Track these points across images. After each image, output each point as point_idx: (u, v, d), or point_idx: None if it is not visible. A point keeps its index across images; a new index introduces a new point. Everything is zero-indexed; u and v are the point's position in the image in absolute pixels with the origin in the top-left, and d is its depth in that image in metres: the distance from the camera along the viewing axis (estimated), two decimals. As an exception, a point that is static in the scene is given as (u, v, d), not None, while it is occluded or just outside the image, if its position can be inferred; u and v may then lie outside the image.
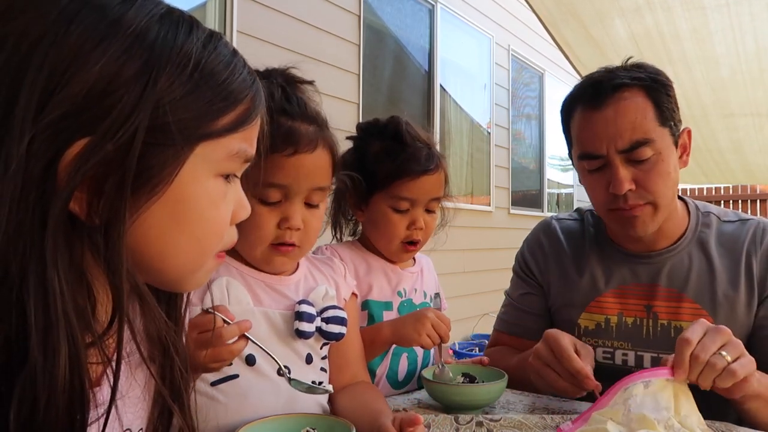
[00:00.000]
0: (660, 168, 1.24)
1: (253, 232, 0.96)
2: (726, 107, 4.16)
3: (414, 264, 1.44)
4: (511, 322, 1.52)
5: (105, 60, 0.51)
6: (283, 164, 0.95)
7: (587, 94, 1.28)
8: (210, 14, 3.32)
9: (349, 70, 4.25)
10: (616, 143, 1.23)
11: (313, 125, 0.98)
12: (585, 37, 3.69)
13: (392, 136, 1.31)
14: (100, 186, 0.52)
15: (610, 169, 1.24)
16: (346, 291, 1.13)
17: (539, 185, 7.32)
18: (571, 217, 1.53)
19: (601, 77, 1.29)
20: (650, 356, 1.32)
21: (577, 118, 1.31)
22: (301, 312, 0.99)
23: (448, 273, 4.86)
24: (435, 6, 5.27)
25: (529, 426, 1.02)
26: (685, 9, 3.24)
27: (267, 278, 1.03)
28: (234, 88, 0.59)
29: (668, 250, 1.34)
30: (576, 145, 1.33)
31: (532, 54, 6.94)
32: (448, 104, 5.59)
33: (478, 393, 1.14)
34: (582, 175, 1.35)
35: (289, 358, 0.99)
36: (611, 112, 1.23)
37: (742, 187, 9.11)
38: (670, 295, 1.32)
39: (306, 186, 0.97)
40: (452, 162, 5.59)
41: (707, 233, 1.35)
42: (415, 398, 1.25)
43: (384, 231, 1.31)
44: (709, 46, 3.54)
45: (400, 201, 1.28)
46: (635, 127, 1.22)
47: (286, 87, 0.99)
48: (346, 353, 1.10)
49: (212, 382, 0.95)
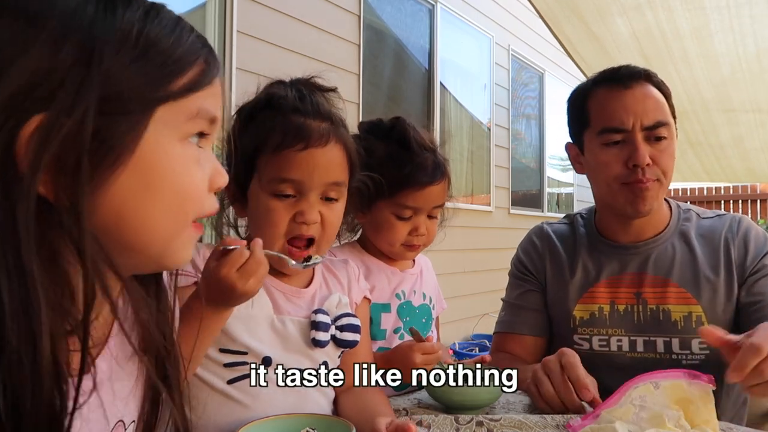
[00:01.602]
0: (670, 151, 1.37)
1: (268, 227, 0.97)
2: (727, 103, 4.16)
3: (414, 265, 1.44)
4: (510, 321, 1.54)
5: (43, 39, 0.52)
6: (294, 159, 0.96)
7: (614, 76, 1.40)
8: (210, 14, 3.32)
9: (349, 70, 4.25)
10: (642, 119, 1.34)
11: (325, 122, 0.99)
12: (587, 34, 3.69)
13: (398, 141, 1.29)
14: (63, 165, 0.52)
15: (633, 144, 1.34)
16: (358, 295, 1.14)
17: (539, 185, 7.32)
18: (561, 222, 1.63)
19: (623, 66, 1.42)
20: (642, 340, 1.40)
21: (602, 96, 1.40)
22: (317, 321, 1.00)
23: (448, 273, 4.86)
24: (435, 6, 5.27)
25: (529, 426, 1.02)
26: (686, 9, 3.25)
27: (286, 288, 1.04)
28: (184, 51, 0.60)
29: (653, 240, 1.44)
30: (596, 121, 1.40)
31: (532, 54, 6.94)
32: (448, 104, 5.59)
33: (478, 393, 1.14)
34: (596, 153, 1.41)
35: (303, 365, 1.00)
36: (639, 91, 1.37)
37: (742, 187, 9.11)
38: (657, 282, 1.41)
39: (319, 181, 0.98)
40: (452, 162, 5.58)
41: (688, 226, 1.47)
42: (415, 398, 1.25)
43: (386, 235, 1.31)
44: (709, 45, 3.55)
45: (403, 209, 1.28)
46: (658, 108, 1.36)
47: (301, 88, 1.01)
48: (356, 356, 1.10)
49: (228, 380, 0.96)
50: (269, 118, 0.98)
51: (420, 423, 1.03)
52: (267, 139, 0.96)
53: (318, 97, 1.02)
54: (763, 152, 5.01)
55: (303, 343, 1.00)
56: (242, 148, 0.99)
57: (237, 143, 1.00)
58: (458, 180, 5.69)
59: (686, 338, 1.36)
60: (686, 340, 1.36)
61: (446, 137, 5.46)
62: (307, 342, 1.00)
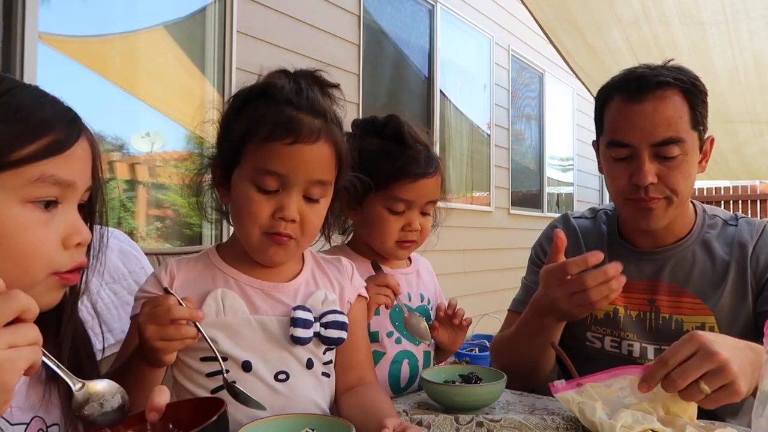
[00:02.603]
0: (684, 168, 1.30)
1: (248, 219, 0.97)
2: (725, 115, 4.18)
3: (409, 265, 1.42)
4: (525, 301, 1.53)
5: None
6: (281, 152, 0.94)
7: (630, 86, 1.32)
8: (210, 14, 3.32)
9: (349, 70, 4.25)
10: (649, 137, 1.28)
11: (318, 119, 0.97)
12: (584, 46, 3.72)
13: (392, 136, 1.29)
14: None
15: (637, 161, 1.30)
16: (351, 293, 1.12)
17: (539, 185, 7.32)
18: (585, 216, 1.60)
19: (644, 72, 1.33)
20: (653, 348, 1.38)
21: (614, 107, 1.35)
22: (295, 318, 0.98)
23: (448, 273, 4.86)
24: (435, 6, 5.27)
25: (529, 427, 1.02)
26: (684, 23, 3.26)
27: (265, 285, 1.02)
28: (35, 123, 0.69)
29: (673, 247, 1.41)
30: (607, 133, 1.37)
31: (532, 54, 6.94)
32: (448, 104, 5.59)
33: (478, 393, 1.14)
34: (606, 162, 1.40)
35: (288, 363, 0.99)
36: (650, 106, 1.28)
37: (742, 187, 9.12)
38: (672, 290, 1.38)
39: (304, 177, 0.96)
40: (452, 161, 5.59)
41: (712, 234, 1.41)
42: (415, 399, 1.25)
43: (378, 231, 1.30)
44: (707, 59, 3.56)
45: (396, 202, 1.27)
46: (670, 124, 1.28)
47: (301, 81, 0.99)
48: (353, 356, 1.09)
49: (212, 389, 0.95)
50: (262, 106, 0.96)
51: (420, 423, 1.03)
52: (256, 128, 0.95)
53: (316, 92, 0.99)
54: (762, 156, 5.02)
55: (284, 340, 0.98)
56: (232, 132, 0.98)
57: (228, 126, 1.00)
58: (458, 180, 5.69)
59: None
60: None
61: (445, 137, 5.46)
62: (287, 339, 0.98)
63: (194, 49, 3.32)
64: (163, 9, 3.25)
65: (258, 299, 1.01)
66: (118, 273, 1.39)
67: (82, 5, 2.93)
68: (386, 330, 1.31)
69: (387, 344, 1.30)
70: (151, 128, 3.21)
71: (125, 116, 3.12)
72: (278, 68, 1.03)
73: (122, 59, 3.09)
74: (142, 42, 3.16)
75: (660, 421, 0.96)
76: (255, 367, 0.96)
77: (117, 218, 2.93)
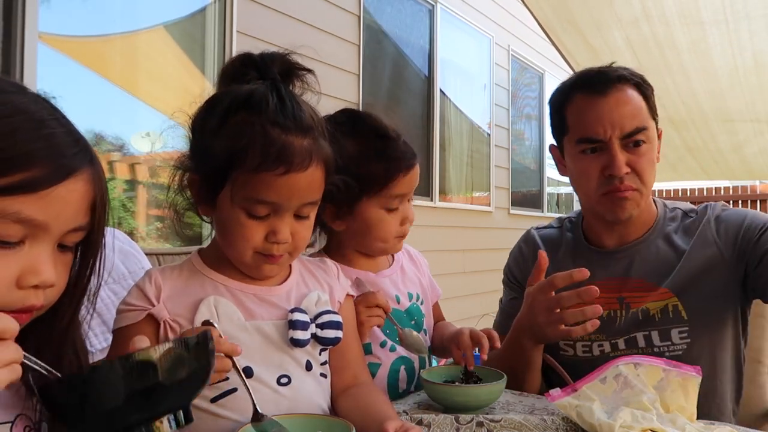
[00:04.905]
0: (649, 156, 1.36)
1: (240, 242, 0.95)
2: (725, 113, 4.18)
3: (391, 263, 1.36)
4: (503, 325, 1.55)
5: None
6: (273, 183, 0.91)
7: (592, 81, 1.38)
8: (210, 14, 3.32)
9: (349, 70, 4.25)
10: (618, 128, 1.33)
11: (307, 137, 0.94)
12: (584, 46, 3.73)
13: (372, 133, 1.23)
14: None
15: (609, 153, 1.33)
16: (340, 293, 1.10)
17: (539, 185, 7.32)
18: (552, 226, 1.63)
19: (601, 69, 1.40)
20: (624, 339, 1.40)
21: (578, 105, 1.38)
22: (294, 320, 0.97)
23: (448, 273, 4.86)
24: (435, 6, 5.27)
25: (529, 428, 1.02)
26: (684, 23, 3.27)
27: (257, 290, 1.01)
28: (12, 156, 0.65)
29: (637, 242, 1.44)
30: (574, 130, 1.39)
31: (533, 54, 6.95)
32: (448, 104, 5.59)
33: (478, 393, 1.14)
34: (575, 161, 1.41)
35: (288, 366, 0.98)
36: (614, 99, 1.34)
37: (742, 187, 9.12)
38: (640, 285, 1.41)
39: (296, 203, 0.95)
40: (452, 161, 5.59)
41: (672, 226, 1.45)
42: (415, 399, 1.25)
43: (377, 234, 1.25)
44: (707, 58, 3.57)
45: (393, 200, 1.23)
46: (635, 114, 1.34)
47: (282, 90, 0.95)
48: (345, 355, 1.09)
49: (212, 398, 0.94)
50: (246, 124, 0.91)
51: (420, 423, 1.03)
52: (245, 155, 0.90)
53: (299, 103, 0.96)
54: (762, 156, 5.03)
55: (283, 344, 0.98)
56: (214, 150, 0.92)
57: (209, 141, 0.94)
58: (458, 180, 5.69)
59: (665, 329, 1.36)
60: (665, 331, 1.36)
61: (445, 137, 5.46)
62: (285, 342, 0.97)
63: (194, 49, 3.32)
64: (163, 9, 3.26)
65: (252, 304, 1.00)
66: (118, 273, 1.38)
67: (82, 5, 2.93)
68: (378, 340, 1.27)
69: (382, 354, 1.27)
70: (151, 128, 3.21)
71: (125, 116, 3.12)
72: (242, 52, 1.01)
73: (122, 59, 3.09)
74: (142, 42, 3.16)
75: (659, 421, 0.97)
76: (257, 372, 0.95)
77: (117, 218, 2.93)
